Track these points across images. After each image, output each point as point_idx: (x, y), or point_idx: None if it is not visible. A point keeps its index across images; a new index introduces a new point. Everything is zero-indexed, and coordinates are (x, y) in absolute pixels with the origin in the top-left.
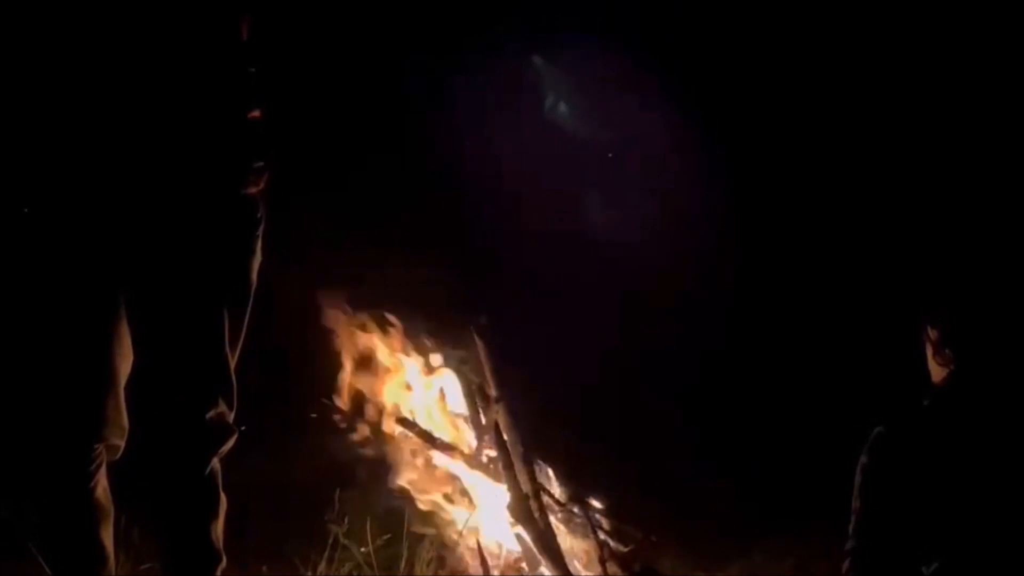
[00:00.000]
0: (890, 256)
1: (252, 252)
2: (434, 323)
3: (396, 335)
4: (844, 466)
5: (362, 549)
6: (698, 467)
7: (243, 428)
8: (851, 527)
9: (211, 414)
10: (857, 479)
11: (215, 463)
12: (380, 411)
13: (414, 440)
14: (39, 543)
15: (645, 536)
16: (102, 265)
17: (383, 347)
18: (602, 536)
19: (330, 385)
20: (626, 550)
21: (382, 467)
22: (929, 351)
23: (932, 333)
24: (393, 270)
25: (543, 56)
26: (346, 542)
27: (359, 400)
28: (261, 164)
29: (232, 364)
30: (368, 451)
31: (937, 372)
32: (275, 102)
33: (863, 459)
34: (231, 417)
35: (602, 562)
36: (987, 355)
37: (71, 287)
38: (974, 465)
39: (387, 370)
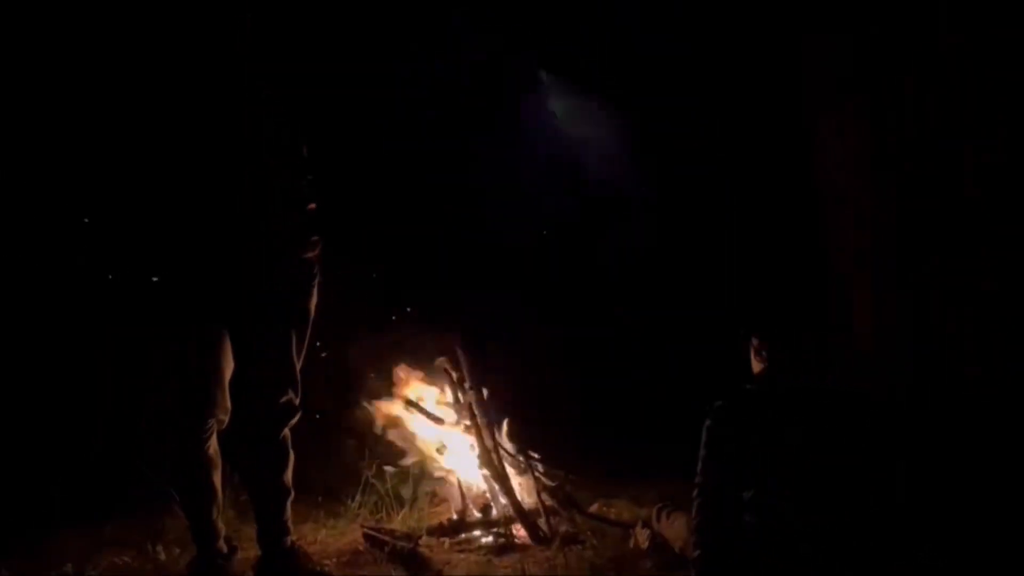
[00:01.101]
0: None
1: (310, 295)
2: (432, 341)
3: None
4: (694, 429)
5: (384, 486)
6: (600, 431)
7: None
8: (699, 469)
9: (283, 399)
10: (703, 437)
11: (286, 431)
12: (397, 400)
13: (419, 417)
14: (174, 486)
15: (566, 475)
16: (216, 307)
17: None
18: (538, 475)
19: (365, 384)
20: (554, 485)
21: (399, 434)
22: (752, 353)
23: (754, 341)
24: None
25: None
26: (374, 481)
27: (383, 393)
28: (316, 238)
29: (298, 366)
30: (389, 424)
31: (757, 366)
32: (325, 197)
33: (707, 423)
34: (297, 401)
35: (538, 493)
36: (788, 357)
37: (197, 320)
38: (780, 426)
39: (401, 376)
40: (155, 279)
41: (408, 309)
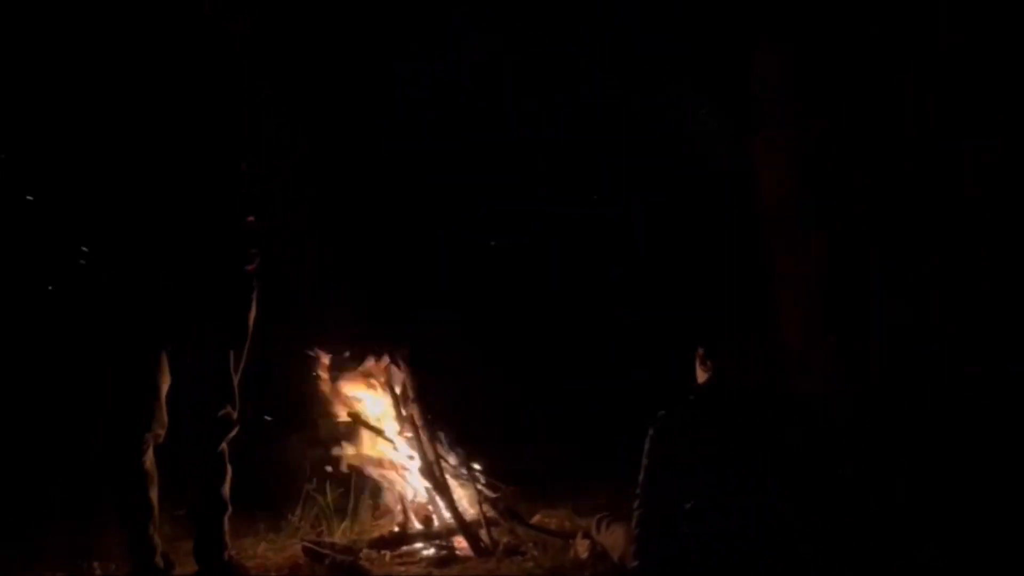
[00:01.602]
0: None
1: (249, 308)
2: (375, 355)
3: (352, 365)
4: (636, 438)
5: (325, 499)
6: (541, 442)
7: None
8: (640, 479)
9: (221, 413)
10: (646, 446)
11: (224, 445)
12: (341, 412)
13: (361, 429)
14: (113, 499)
15: (507, 487)
16: (154, 323)
17: (343, 373)
18: (480, 487)
19: (308, 396)
20: (495, 496)
21: (340, 446)
22: (697, 363)
23: (699, 351)
24: (346, 323)
25: None
26: (315, 494)
27: (327, 405)
28: (255, 251)
29: (236, 380)
30: (331, 436)
31: (701, 376)
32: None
33: (651, 432)
34: (235, 415)
35: (480, 505)
36: (730, 367)
37: (134, 337)
38: (720, 435)
39: (344, 385)
40: (90, 288)
41: (351, 320)
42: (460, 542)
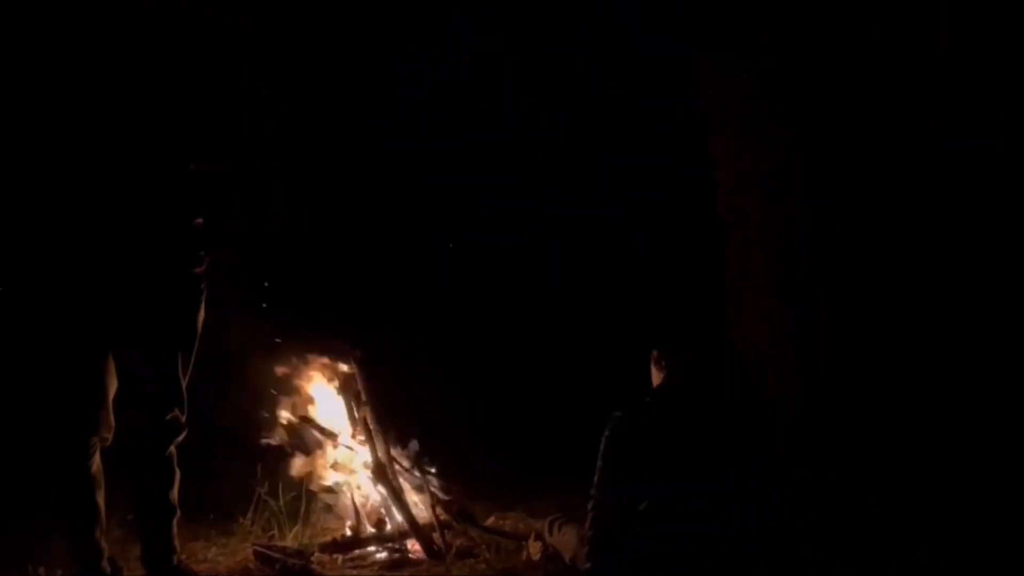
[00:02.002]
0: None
1: (198, 310)
2: (329, 355)
3: (304, 365)
4: (589, 442)
5: (277, 503)
6: (494, 444)
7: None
8: (595, 480)
9: (169, 416)
10: (602, 447)
11: (172, 449)
12: (293, 414)
13: (314, 432)
14: (59, 503)
15: (460, 489)
16: (100, 324)
17: (296, 372)
18: (433, 490)
19: (260, 398)
20: (448, 499)
21: (293, 449)
22: (652, 365)
23: (654, 352)
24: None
25: None
26: (266, 498)
27: (278, 407)
28: (203, 253)
29: (184, 383)
30: (284, 440)
31: (656, 378)
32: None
33: (606, 434)
34: (183, 418)
35: (433, 507)
36: (686, 370)
37: (80, 339)
38: (676, 437)
39: (298, 387)
40: (35, 289)
41: (304, 321)
42: (413, 545)
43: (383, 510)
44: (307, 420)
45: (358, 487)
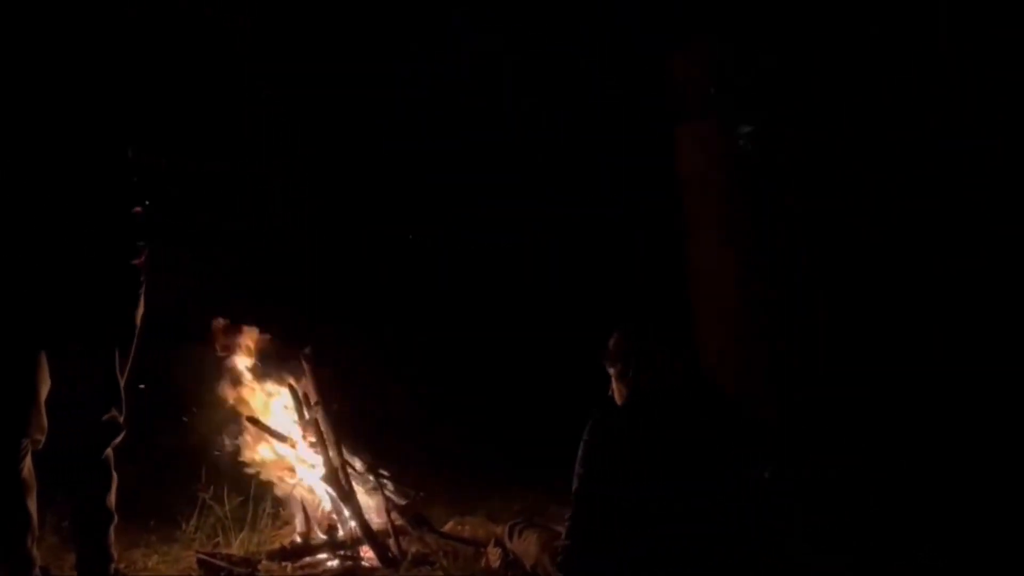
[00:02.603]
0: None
1: (136, 304)
2: (279, 354)
3: (256, 363)
4: (555, 442)
5: (223, 508)
6: (455, 447)
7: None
8: (575, 485)
9: (106, 417)
10: (581, 451)
11: (109, 451)
12: (241, 414)
13: (262, 433)
14: None
15: (416, 493)
16: (31, 319)
17: (246, 371)
18: (387, 494)
19: (208, 396)
20: (405, 503)
21: (240, 452)
22: (614, 377)
23: (617, 365)
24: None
25: None
26: (211, 503)
27: (225, 405)
28: (142, 244)
29: (122, 381)
30: (230, 441)
31: (620, 393)
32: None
33: (585, 437)
34: (121, 419)
35: (388, 512)
36: (646, 387)
37: (9, 335)
38: (645, 443)
39: (249, 387)
40: None
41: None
42: (366, 552)
43: (335, 515)
44: (254, 421)
45: (309, 491)
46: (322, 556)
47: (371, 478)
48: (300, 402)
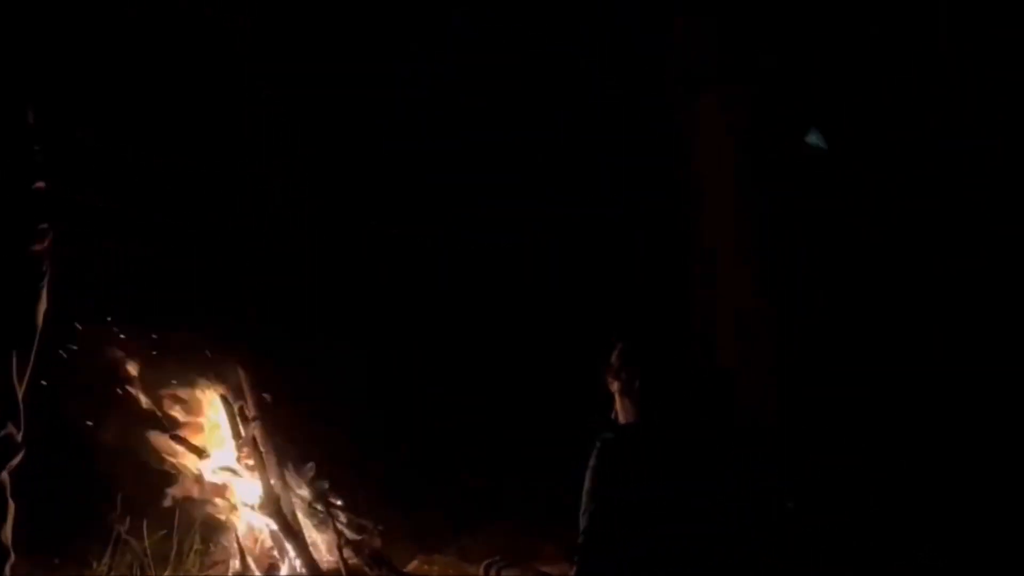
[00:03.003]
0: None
1: (37, 298)
2: (206, 357)
3: (180, 368)
4: (538, 469)
5: (142, 543)
6: (422, 474)
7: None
8: (583, 513)
9: (2, 433)
10: (588, 478)
11: (4, 475)
12: (164, 431)
13: (188, 454)
14: None
15: (375, 527)
16: None
17: (165, 379)
18: (340, 528)
19: (125, 409)
20: (359, 539)
21: (161, 477)
22: (618, 394)
23: (622, 377)
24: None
25: None
26: (127, 537)
27: (145, 421)
28: (46, 227)
29: (20, 391)
30: (149, 464)
31: (625, 411)
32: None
33: (592, 462)
34: (19, 436)
35: (340, 549)
36: (651, 399)
37: None
38: (650, 449)
39: (170, 396)
40: None
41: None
42: None
43: (276, 552)
44: (180, 439)
45: (245, 523)
46: None
47: (320, 508)
48: (235, 417)
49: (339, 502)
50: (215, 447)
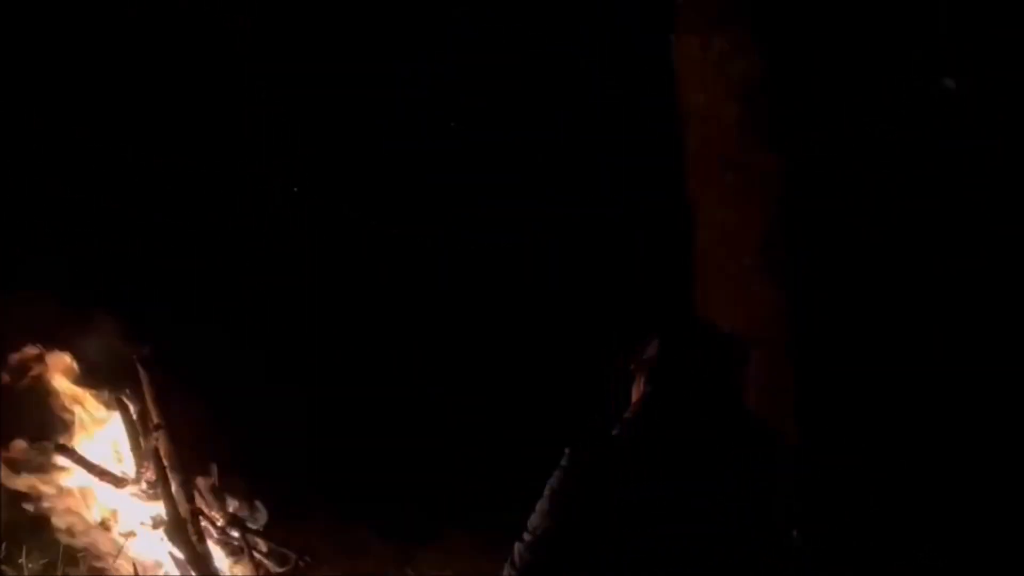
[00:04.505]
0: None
1: None
2: (104, 358)
3: (72, 374)
4: (493, 485)
5: (20, 572)
6: (360, 491)
7: None
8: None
9: None
10: (546, 505)
11: None
12: (49, 442)
13: (77, 467)
14: None
15: (299, 556)
16: None
17: (61, 386)
18: (258, 557)
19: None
20: (281, 571)
21: (44, 496)
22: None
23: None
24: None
25: None
26: (4, 568)
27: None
28: None
29: None
30: (32, 482)
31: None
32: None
33: (561, 475)
34: None
35: None
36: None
37: None
38: (653, 483)
39: (62, 407)
40: None
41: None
42: None
43: None
44: (65, 450)
45: (143, 549)
46: None
47: (235, 533)
48: (134, 425)
49: (258, 526)
50: (109, 461)
